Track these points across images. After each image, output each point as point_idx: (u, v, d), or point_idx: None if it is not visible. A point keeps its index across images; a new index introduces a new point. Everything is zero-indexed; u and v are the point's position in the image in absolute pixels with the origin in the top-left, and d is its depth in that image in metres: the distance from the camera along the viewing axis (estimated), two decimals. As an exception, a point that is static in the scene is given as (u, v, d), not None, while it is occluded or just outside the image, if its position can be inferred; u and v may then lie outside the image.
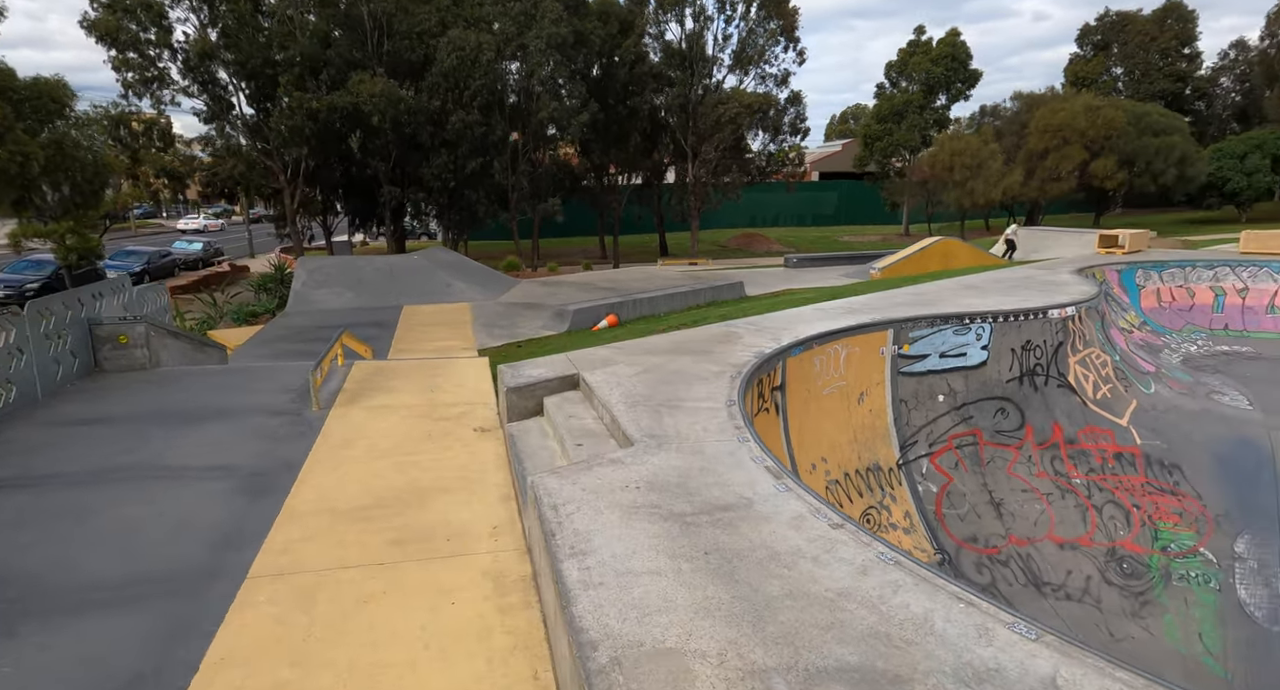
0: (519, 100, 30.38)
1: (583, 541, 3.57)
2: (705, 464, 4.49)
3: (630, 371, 6.61)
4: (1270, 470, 9.09)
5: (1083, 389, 9.73)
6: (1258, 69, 59.63)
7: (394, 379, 8.10)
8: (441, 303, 18.56)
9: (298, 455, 5.81)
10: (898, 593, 3.06)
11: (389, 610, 3.77)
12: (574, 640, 2.84)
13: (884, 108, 46.61)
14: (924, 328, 9.03)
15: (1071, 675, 2.51)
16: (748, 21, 33.06)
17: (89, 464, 5.55)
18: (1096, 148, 42.37)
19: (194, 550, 4.34)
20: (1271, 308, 14.32)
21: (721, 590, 3.13)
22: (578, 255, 40.72)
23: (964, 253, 24.13)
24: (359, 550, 4.36)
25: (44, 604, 3.78)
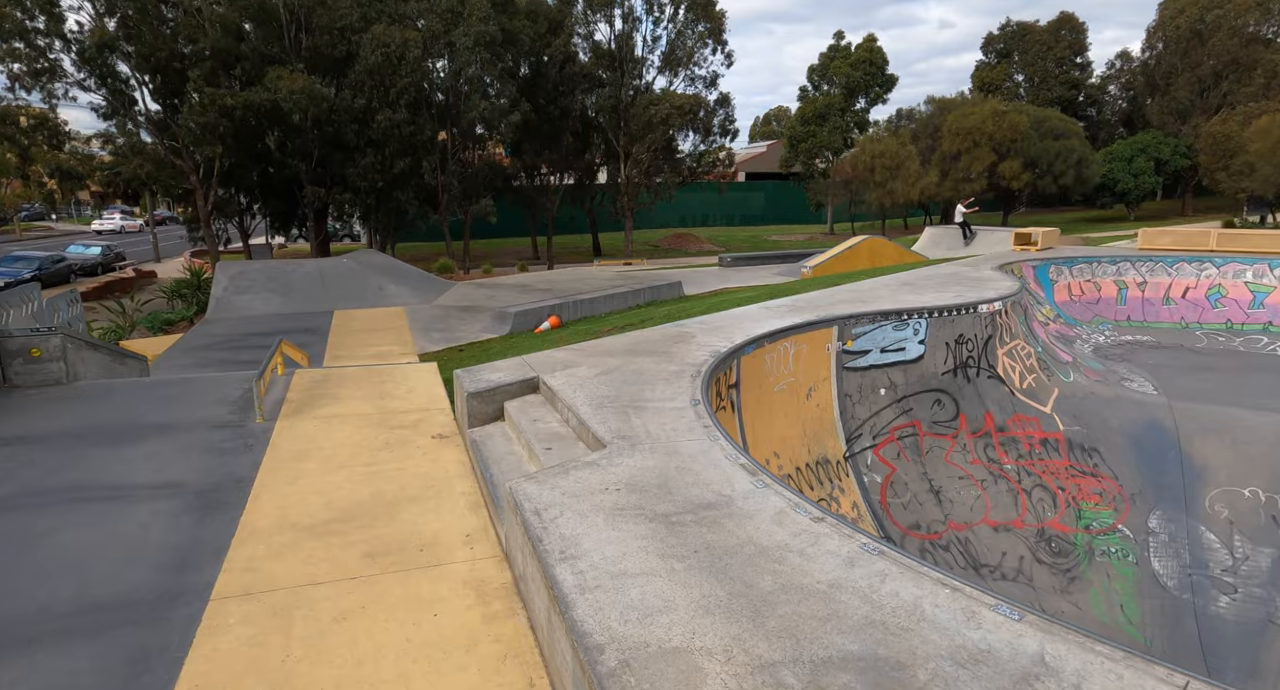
0: (447, 99, 29.80)
1: (572, 546, 3.56)
2: (681, 464, 4.54)
3: (590, 373, 6.61)
4: (1176, 451, 9.83)
5: (1010, 379, 10.29)
6: (1141, 78, 64.18)
7: (341, 387, 7.84)
8: (375, 307, 18.03)
9: (247, 469, 5.55)
10: (886, 581, 3.19)
11: (370, 625, 3.67)
12: (578, 644, 2.84)
13: (807, 110, 47.94)
14: (866, 324, 9.36)
15: (1056, 651, 2.68)
16: (676, 23, 33.43)
17: (16, 486, 5.16)
18: (1004, 150, 44.82)
19: (149, 573, 4.10)
20: (1167, 300, 15.48)
21: (717, 588, 3.18)
22: (510, 256, 40.27)
23: (889, 250, 25.08)
24: (330, 565, 4.21)
25: (-14, 640, 3.51)
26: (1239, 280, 15.21)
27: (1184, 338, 14.68)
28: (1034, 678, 2.53)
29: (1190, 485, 9.46)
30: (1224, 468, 9.52)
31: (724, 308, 12.16)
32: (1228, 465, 9.53)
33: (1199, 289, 15.34)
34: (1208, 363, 13.41)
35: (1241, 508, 9.14)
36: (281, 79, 25.07)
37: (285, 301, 18.25)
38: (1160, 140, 53.71)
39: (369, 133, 27.16)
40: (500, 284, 22.99)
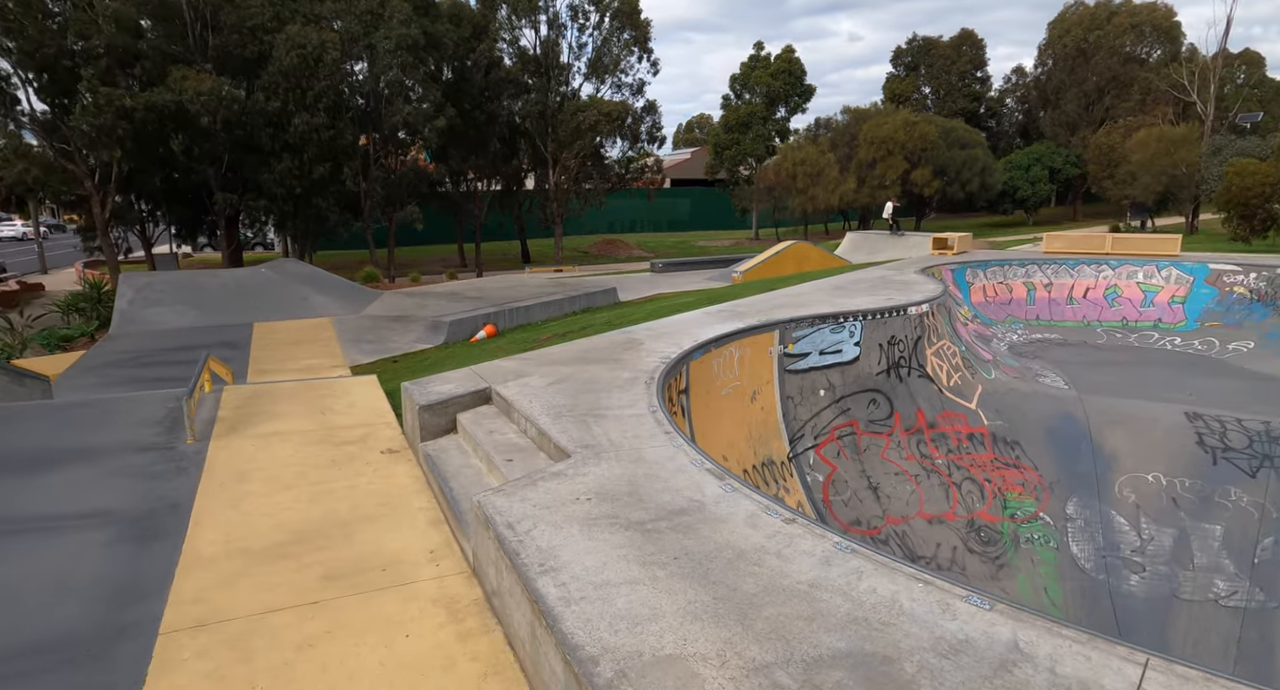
0: (368, 103, 28.96)
1: (550, 558, 3.53)
2: (648, 471, 4.56)
3: (543, 382, 6.55)
4: (1088, 441, 10.52)
5: (939, 378, 10.78)
6: (1034, 93, 68.59)
7: (277, 403, 7.50)
8: (299, 319, 17.30)
9: (183, 494, 5.24)
10: (862, 579, 3.30)
11: (339, 650, 3.52)
12: (571, 657, 2.82)
13: (730, 118, 48.95)
14: (805, 327, 9.63)
15: (1028, 637, 2.83)
16: (601, 31, 33.55)
17: None
18: (915, 159, 46.98)
19: (85, 609, 3.81)
20: (1070, 300, 16.56)
21: (701, 593, 3.22)
22: (436, 264, 39.39)
23: (814, 255, 25.86)
24: (288, 591, 4.02)
25: (-96, 694, 3.19)
26: (1132, 281, 16.43)
27: (1086, 335, 15.72)
28: (1011, 664, 2.67)
29: (1101, 473, 10.15)
30: (1129, 455, 10.25)
31: (665, 314, 12.27)
32: (1133, 453, 10.27)
33: (1098, 289, 16.48)
34: (1108, 358, 14.41)
35: (1146, 492, 9.86)
36: (187, 79, 23.80)
37: (200, 314, 17.28)
38: (1053, 150, 57.42)
39: (285, 136, 26.09)
40: (430, 292, 22.45)
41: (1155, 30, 59.86)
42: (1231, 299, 15.37)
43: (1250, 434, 9.95)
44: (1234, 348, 14.37)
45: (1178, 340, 15.09)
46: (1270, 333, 14.37)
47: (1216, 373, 13.33)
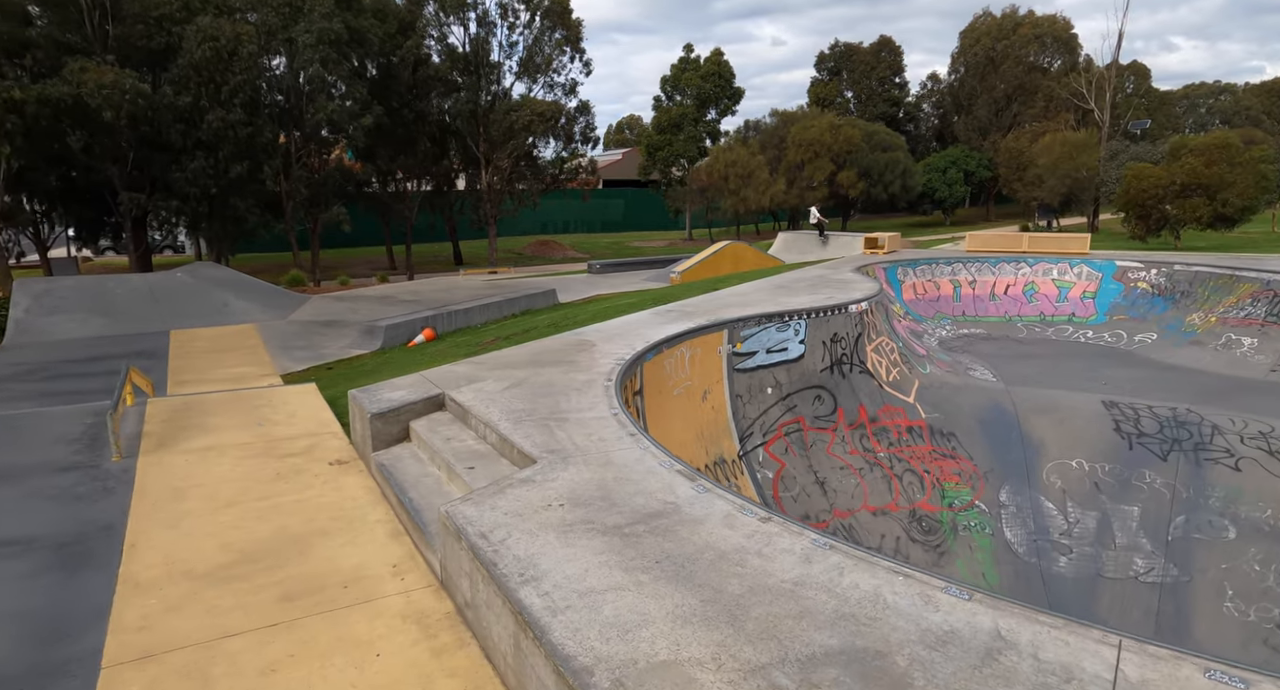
0: (289, 99, 27.77)
1: (529, 567, 3.44)
2: (618, 474, 4.51)
3: (499, 387, 6.41)
4: (1017, 430, 11.04)
5: (878, 373, 11.10)
6: (948, 98, 71.68)
7: (208, 416, 7.08)
8: (220, 325, 16.43)
9: (114, 516, 4.88)
10: (844, 574, 3.33)
11: (305, 674, 3.34)
12: (564, 668, 2.74)
13: (662, 119, 49.26)
14: (753, 326, 9.75)
15: (1009, 625, 2.92)
16: (532, 29, 33.19)
17: None
18: (841, 161, 48.35)
19: (11, 646, 3.49)
20: (993, 296, 17.35)
21: (688, 596, 3.19)
22: (363, 267, 38.11)
23: (750, 255, 26.27)
24: (242, 614, 3.79)
25: None
26: (1047, 277, 17.34)
27: (1009, 329, 16.51)
28: (997, 652, 2.74)
29: (1030, 460, 10.66)
30: (1055, 443, 10.80)
31: (610, 315, 12.21)
32: (1057, 440, 10.83)
33: (1017, 286, 17.32)
34: (1029, 350, 15.15)
35: (1071, 477, 10.42)
36: (87, 71, 22.25)
37: (109, 322, 16.19)
38: (967, 154, 60.13)
39: (198, 133, 24.71)
40: (361, 296, 21.71)
41: (1055, 41, 63.43)
42: (1136, 294, 16.42)
43: (1160, 420, 10.63)
44: (1139, 339, 15.35)
45: (1090, 333, 16.02)
46: (1170, 325, 15.41)
47: (1125, 363, 14.20)
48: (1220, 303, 14.97)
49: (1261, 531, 9.05)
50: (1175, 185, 25.62)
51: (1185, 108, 75.70)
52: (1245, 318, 14.39)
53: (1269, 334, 13.86)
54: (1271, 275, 14.45)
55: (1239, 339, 14.10)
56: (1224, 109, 73.58)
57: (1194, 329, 14.89)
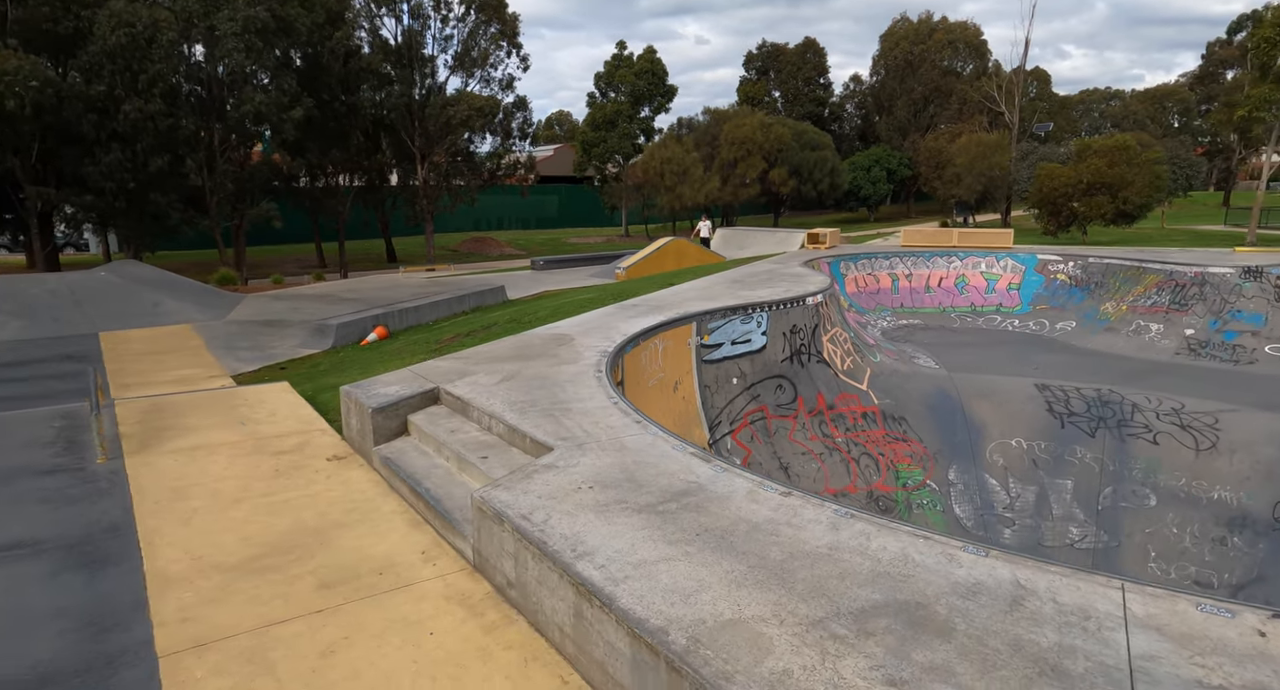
0: (210, 90, 26.53)
1: (578, 544, 3.62)
2: (637, 458, 4.72)
3: (492, 380, 6.50)
4: (961, 413, 11.79)
5: (834, 362, 11.64)
6: (870, 99, 74.38)
7: (183, 416, 6.89)
8: (152, 326, 15.68)
9: (115, 516, 4.77)
10: (871, 539, 3.66)
11: (365, 653, 3.43)
12: (639, 630, 2.95)
13: (597, 116, 49.31)
14: (719, 319, 10.09)
15: (1026, 576, 3.29)
16: (466, 23, 32.71)
17: None
18: (772, 159, 49.57)
19: (58, 642, 3.44)
20: (928, 288, 18.31)
21: (735, 563, 3.44)
22: (290, 265, 36.74)
23: (692, 250, 26.74)
24: (284, 603, 3.83)
25: None
26: (976, 270, 18.42)
27: (943, 320, 17.47)
28: (1021, 599, 3.10)
29: (974, 441, 11.41)
30: (995, 424, 11.60)
31: (570, 311, 12.35)
32: (998, 422, 11.63)
33: (949, 278, 18.33)
34: (963, 339, 16.10)
35: (1011, 456, 11.22)
36: (-12, 57, 20.75)
37: (27, 325, 15.21)
38: (889, 153, 62.58)
39: (113, 125, 23.36)
40: (299, 295, 21.03)
41: (967, 47, 66.67)
42: (1056, 285, 17.64)
43: (1087, 400, 11.56)
44: (1060, 327, 16.53)
45: (1016, 322, 17.13)
46: (1087, 313, 16.65)
47: (1050, 349, 15.28)
48: (1130, 292, 16.27)
49: (1178, 498, 10.00)
50: (1082, 184, 27.51)
51: (1081, 112, 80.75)
52: (1152, 306, 15.70)
53: (1173, 320, 15.18)
54: (1174, 267, 15.80)
55: (1147, 325, 15.39)
56: (1114, 113, 78.85)
57: (1108, 317, 16.14)
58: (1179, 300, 15.32)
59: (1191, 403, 11.08)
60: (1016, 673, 2.59)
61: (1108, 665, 2.61)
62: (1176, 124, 73.69)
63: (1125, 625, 2.85)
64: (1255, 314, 14.48)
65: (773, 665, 2.70)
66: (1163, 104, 74.93)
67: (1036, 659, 2.66)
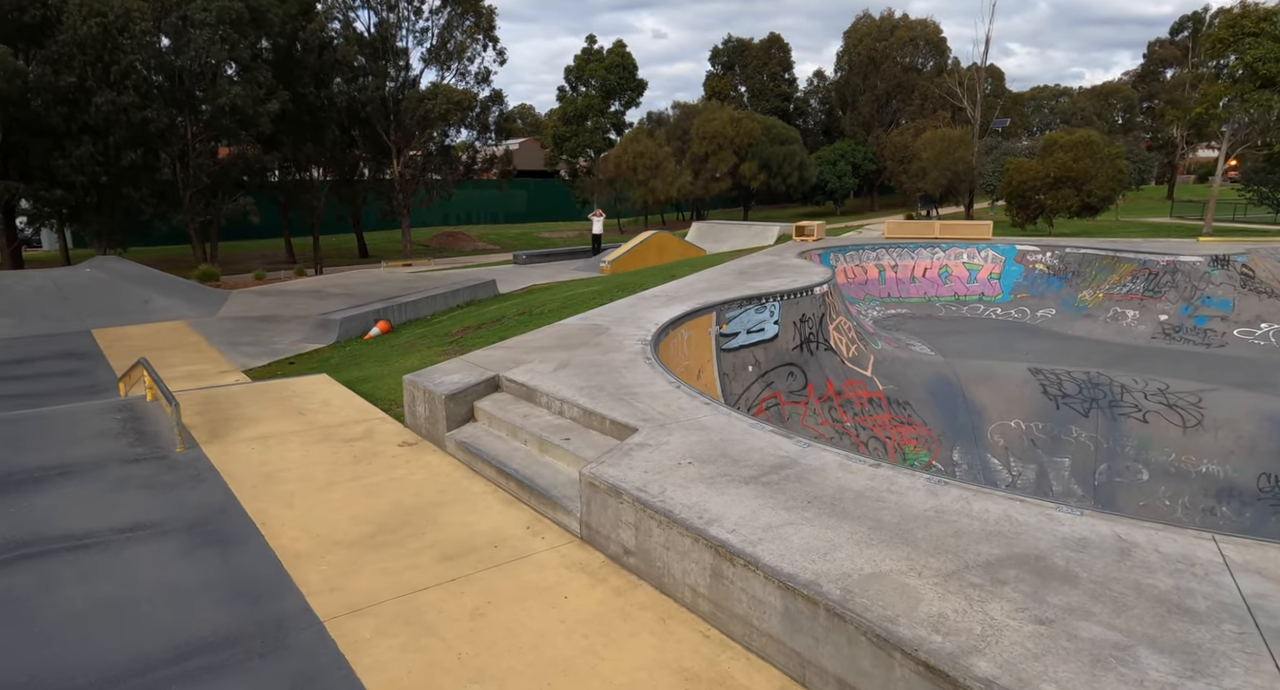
0: (182, 81, 25.90)
1: (702, 512, 3.88)
2: (722, 436, 4.99)
3: (548, 368, 6.70)
4: (961, 397, 12.31)
5: (840, 350, 12.06)
6: (835, 95, 75.52)
7: (239, 407, 6.94)
8: (146, 323, 15.41)
9: (219, 499, 4.87)
10: (971, 502, 3.98)
11: (512, 613, 3.66)
12: (791, 583, 3.23)
13: (568, 110, 49.28)
14: (735, 309, 10.40)
15: (1123, 531, 3.64)
16: (440, 16, 32.43)
17: None
18: (742, 153, 50.16)
19: (218, 610, 3.59)
20: (913, 279, 18.91)
21: (855, 526, 3.73)
22: (258, 261, 36.04)
23: (674, 244, 27.06)
24: (417, 573, 4.01)
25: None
26: (959, 261, 19.07)
27: (929, 309, 18.07)
28: (1128, 550, 3.44)
29: (975, 423, 11.94)
30: (994, 407, 12.15)
31: (581, 303, 12.55)
32: (996, 405, 12.18)
33: (933, 269, 18.95)
34: (950, 327, 16.70)
35: (1011, 436, 11.77)
36: (-49, 46, 20.02)
37: (16, 323, 14.82)
38: (854, 148, 63.68)
39: (84, 117, 22.71)
40: (287, 290, 20.76)
41: (928, 43, 68.12)
42: (1035, 274, 18.38)
43: (1079, 382, 12.18)
44: (1041, 314, 17.25)
45: (999, 310, 17.81)
46: (1065, 301, 17.40)
47: (1034, 335, 15.97)
48: (1106, 281, 17.06)
49: (1168, 472, 10.65)
50: (1049, 178, 28.54)
51: (1033, 108, 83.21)
52: (1127, 293, 16.50)
53: (1147, 307, 15.99)
54: (1147, 256, 16.63)
55: (1124, 312, 16.18)
56: (1064, 110, 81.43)
57: (1085, 304, 16.90)
58: (1152, 287, 16.13)
59: (1175, 383, 11.76)
60: (1148, 611, 2.93)
61: (1225, 603, 2.96)
62: (1121, 120, 76.50)
63: (1228, 569, 3.21)
64: (1224, 300, 15.34)
65: (927, 609, 3.00)
66: (1108, 100, 77.67)
67: (1161, 600, 3.00)
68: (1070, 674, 2.58)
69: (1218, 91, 26.58)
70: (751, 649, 3.45)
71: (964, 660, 2.68)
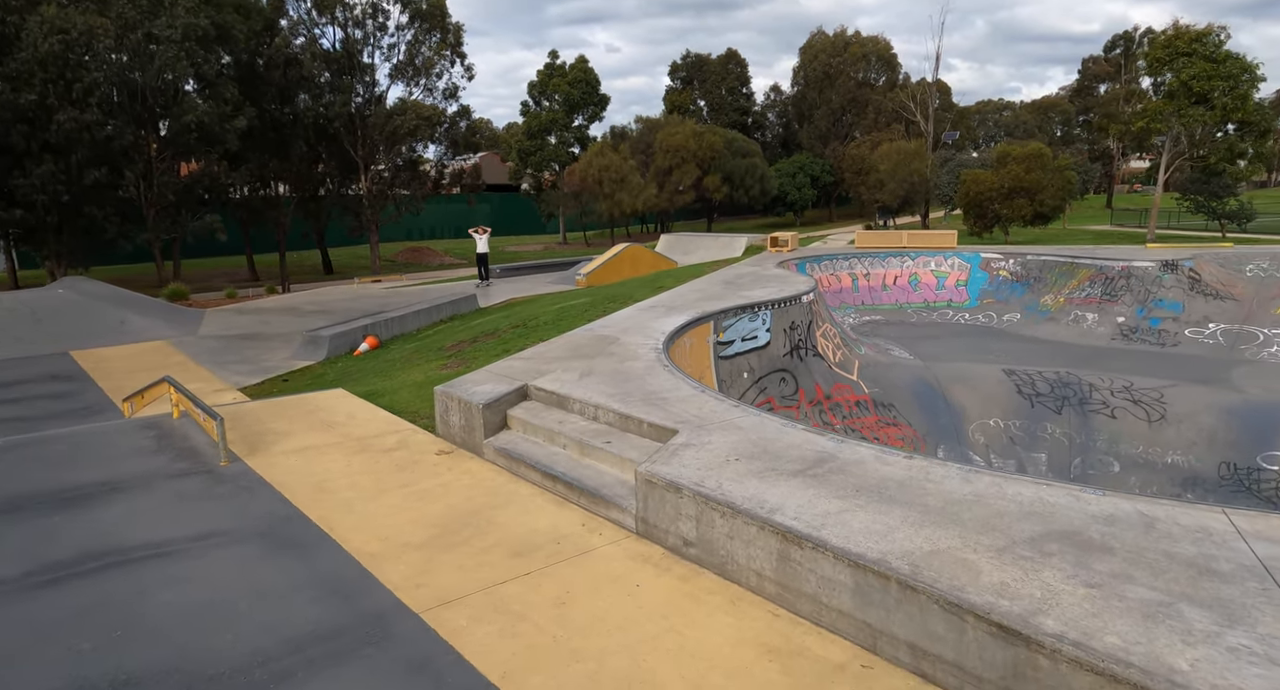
0: (144, 98, 25.44)
1: (762, 503, 4.18)
2: (759, 435, 5.31)
3: (572, 377, 6.95)
4: (942, 399, 12.88)
5: (827, 355, 12.53)
6: (792, 109, 77.30)
7: (269, 423, 7.02)
8: (126, 344, 15.13)
9: (279, 508, 5.01)
10: (1004, 488, 4.35)
11: (592, 601, 3.91)
12: (861, 561, 3.55)
13: (532, 124, 49.54)
14: (730, 318, 10.78)
15: (1144, 508, 4.04)
16: (405, 32, 32.46)
17: (15, 568, 4.11)
18: (705, 166, 50.99)
19: (315, 606, 3.77)
20: (885, 287, 19.61)
21: (905, 511, 4.08)
22: (220, 279, 35.36)
23: (647, 256, 27.46)
24: (491, 569, 4.23)
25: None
26: (927, 269, 19.85)
27: (901, 315, 18.76)
28: (1152, 524, 3.84)
29: (956, 423, 12.50)
30: (973, 407, 12.74)
31: (576, 314, 12.80)
32: (975, 405, 12.77)
33: (903, 277, 19.69)
34: (923, 332, 17.38)
35: (991, 434, 12.37)
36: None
37: (-12, 344, 14.41)
38: (812, 160, 65.27)
39: (45, 135, 22.17)
40: (261, 308, 20.51)
41: (880, 59, 70.26)
42: (999, 281, 19.24)
43: (1050, 382, 12.86)
44: (1007, 319, 18.07)
45: (967, 315, 18.59)
46: (1029, 306, 18.26)
47: (1002, 339, 16.73)
48: (1065, 286, 17.96)
49: (1138, 464, 11.33)
50: (1003, 188, 29.78)
51: (979, 121, 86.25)
52: (1086, 297, 17.40)
53: (1105, 310, 16.89)
54: (1103, 262, 17.58)
55: (1084, 315, 17.06)
56: (1007, 123, 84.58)
57: (1048, 308, 17.77)
58: (1109, 291, 17.05)
59: (1138, 381, 12.52)
60: (1181, 574, 3.32)
61: (1245, 565, 3.38)
62: (1060, 133, 79.92)
63: (1242, 537, 3.64)
64: (1175, 302, 16.31)
65: (989, 579, 3.35)
66: (1048, 114, 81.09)
67: (1190, 564, 3.41)
68: (1127, 627, 2.95)
69: (1156, 107, 28.17)
70: (821, 624, 3.75)
71: (1033, 620, 3.03)
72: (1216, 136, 28.82)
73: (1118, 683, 2.69)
